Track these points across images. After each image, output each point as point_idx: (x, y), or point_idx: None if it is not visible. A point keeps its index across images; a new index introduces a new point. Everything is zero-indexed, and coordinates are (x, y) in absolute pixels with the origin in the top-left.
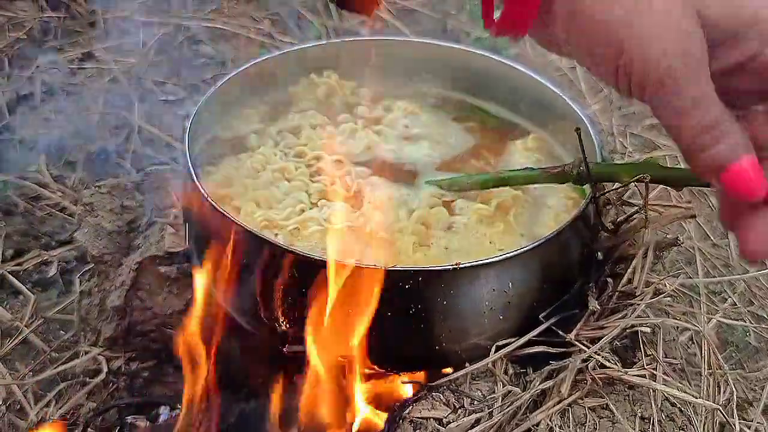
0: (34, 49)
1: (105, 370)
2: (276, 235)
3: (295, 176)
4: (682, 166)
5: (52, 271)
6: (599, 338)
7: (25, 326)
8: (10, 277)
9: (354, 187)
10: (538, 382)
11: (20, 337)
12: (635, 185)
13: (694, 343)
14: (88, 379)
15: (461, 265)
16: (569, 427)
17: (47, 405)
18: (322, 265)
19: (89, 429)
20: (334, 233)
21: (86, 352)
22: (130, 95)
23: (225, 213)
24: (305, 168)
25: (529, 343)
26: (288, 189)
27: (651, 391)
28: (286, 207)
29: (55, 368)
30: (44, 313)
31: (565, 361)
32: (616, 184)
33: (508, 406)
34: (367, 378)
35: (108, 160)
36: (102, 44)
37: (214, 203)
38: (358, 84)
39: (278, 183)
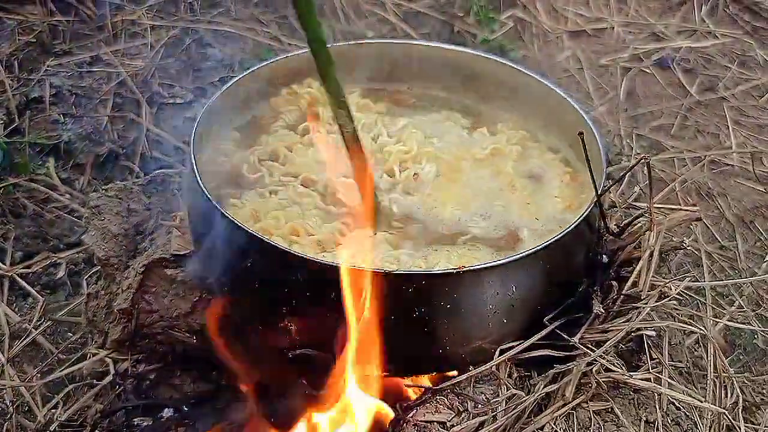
0: (43, 53)
1: (112, 372)
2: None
3: (315, 205)
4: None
5: (61, 273)
6: (604, 342)
7: (34, 328)
8: (19, 279)
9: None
10: (542, 386)
11: (29, 339)
12: (640, 187)
13: (700, 346)
14: (95, 381)
15: (464, 269)
16: (574, 431)
17: (55, 407)
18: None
19: (96, 431)
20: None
21: (94, 354)
22: (138, 98)
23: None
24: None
25: (534, 347)
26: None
27: (656, 394)
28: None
29: (62, 370)
30: (52, 315)
31: (569, 364)
32: (621, 187)
33: (512, 410)
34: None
35: (116, 163)
36: (110, 47)
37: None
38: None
39: (306, 212)
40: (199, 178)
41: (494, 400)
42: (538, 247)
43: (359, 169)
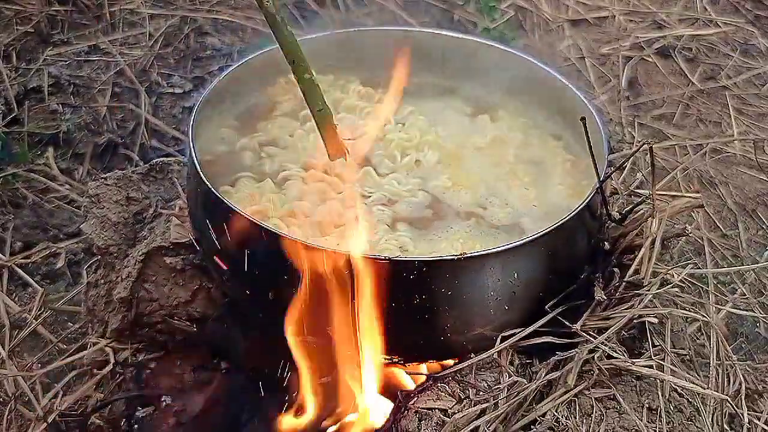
0: (41, 42)
1: (112, 361)
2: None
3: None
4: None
5: (60, 263)
6: (606, 328)
7: (34, 318)
8: (19, 269)
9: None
10: (544, 373)
11: (29, 329)
12: (642, 175)
13: (702, 333)
14: (95, 371)
15: (465, 255)
16: (575, 418)
17: (55, 396)
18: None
19: (96, 420)
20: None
21: (94, 344)
22: (137, 88)
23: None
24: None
25: (535, 334)
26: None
27: (658, 381)
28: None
29: (62, 360)
30: (52, 305)
31: (571, 351)
32: (623, 173)
33: (513, 397)
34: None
35: (115, 153)
36: (108, 37)
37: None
38: (336, 77)
39: (303, 196)
40: (197, 166)
41: (496, 387)
42: (540, 233)
43: (336, 150)
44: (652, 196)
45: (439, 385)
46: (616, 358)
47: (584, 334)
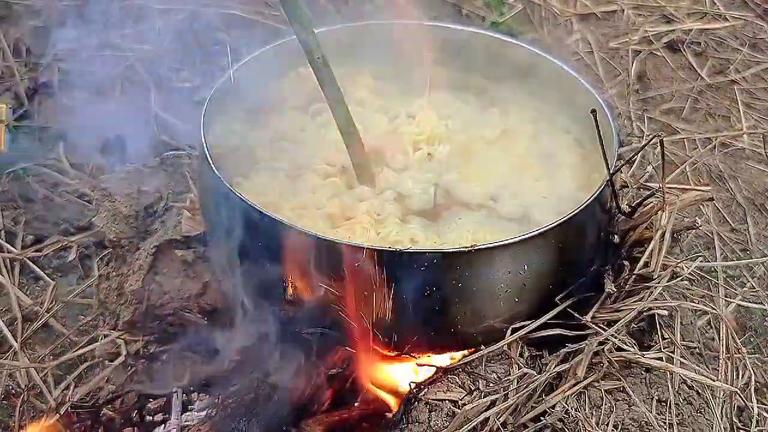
0: (51, 37)
1: (124, 353)
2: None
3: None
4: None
5: (71, 256)
6: (616, 321)
7: (45, 311)
8: (30, 263)
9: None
10: (554, 365)
11: (40, 322)
12: (653, 168)
13: (711, 326)
14: (107, 362)
15: (476, 247)
16: (585, 410)
17: (67, 388)
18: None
19: (108, 411)
20: None
21: (105, 336)
22: (147, 82)
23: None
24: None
25: (545, 326)
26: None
27: (668, 373)
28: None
29: (74, 352)
30: (64, 298)
31: (581, 343)
32: (633, 167)
33: (523, 389)
34: (383, 360)
35: (126, 147)
36: (119, 31)
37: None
38: (346, 71)
39: (315, 189)
40: (209, 158)
41: (506, 378)
42: (550, 226)
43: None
44: (662, 189)
45: (449, 376)
46: (625, 350)
47: (594, 326)
